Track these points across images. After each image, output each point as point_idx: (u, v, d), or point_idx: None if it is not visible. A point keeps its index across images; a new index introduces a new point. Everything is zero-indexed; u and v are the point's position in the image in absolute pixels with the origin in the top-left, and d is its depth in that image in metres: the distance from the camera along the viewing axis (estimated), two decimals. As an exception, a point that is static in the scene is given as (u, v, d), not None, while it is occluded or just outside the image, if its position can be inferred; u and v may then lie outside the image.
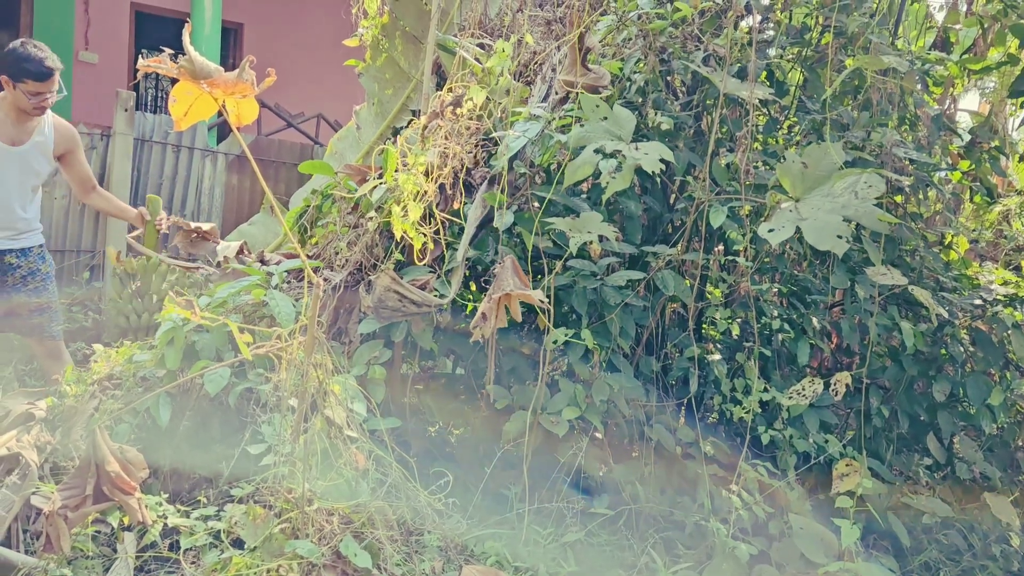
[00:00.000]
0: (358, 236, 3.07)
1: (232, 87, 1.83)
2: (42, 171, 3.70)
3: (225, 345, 3.00)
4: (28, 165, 3.62)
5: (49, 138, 3.67)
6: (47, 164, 3.71)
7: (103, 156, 5.46)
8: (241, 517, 1.93)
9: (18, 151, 3.59)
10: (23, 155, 3.60)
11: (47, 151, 3.68)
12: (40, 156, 3.66)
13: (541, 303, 2.55)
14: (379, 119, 4.92)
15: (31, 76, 3.42)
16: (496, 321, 2.52)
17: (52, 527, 1.98)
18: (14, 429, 3.22)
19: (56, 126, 3.71)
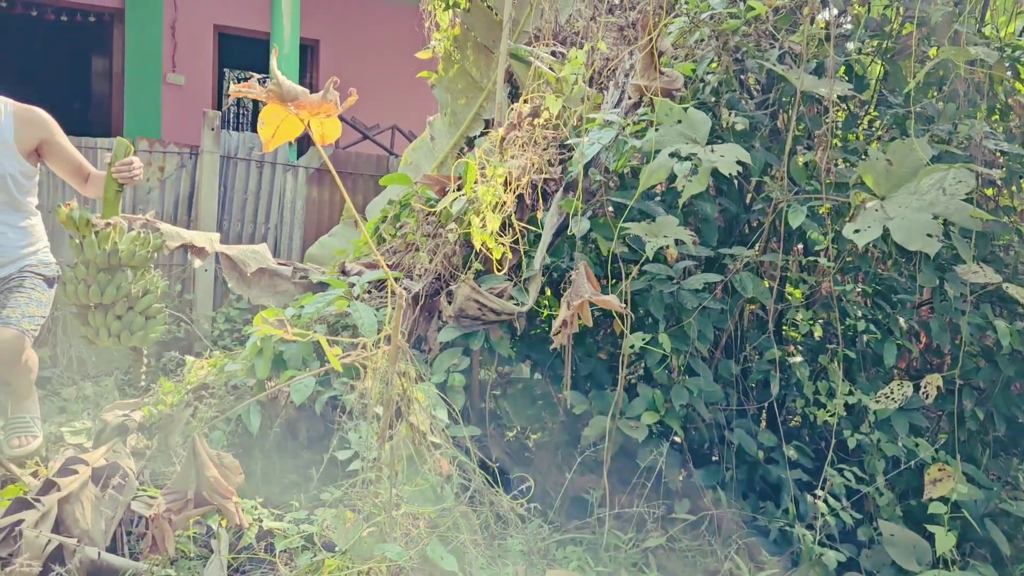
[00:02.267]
0: (437, 246, 3.13)
1: (317, 107, 1.91)
2: (9, 172, 3.02)
3: (311, 354, 3.11)
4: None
5: (6, 129, 3.00)
6: (13, 163, 3.02)
7: (192, 174, 5.71)
8: (332, 521, 2.00)
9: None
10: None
11: (8, 146, 3.00)
12: (2, 152, 2.99)
13: (619, 308, 2.56)
14: (452, 129, 5.00)
15: None
16: (572, 327, 2.55)
17: (157, 530, 2.10)
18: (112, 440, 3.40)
19: (16, 113, 3.06)
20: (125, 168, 2.98)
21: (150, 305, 3.21)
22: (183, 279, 5.81)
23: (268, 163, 6.03)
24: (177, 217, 5.74)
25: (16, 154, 3.02)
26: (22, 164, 3.05)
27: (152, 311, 3.21)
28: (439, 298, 3.16)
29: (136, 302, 3.16)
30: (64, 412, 4.70)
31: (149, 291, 3.20)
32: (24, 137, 3.04)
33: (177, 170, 5.67)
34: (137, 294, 3.13)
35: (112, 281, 3.04)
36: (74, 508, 2.86)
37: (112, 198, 3.02)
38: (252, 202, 6.02)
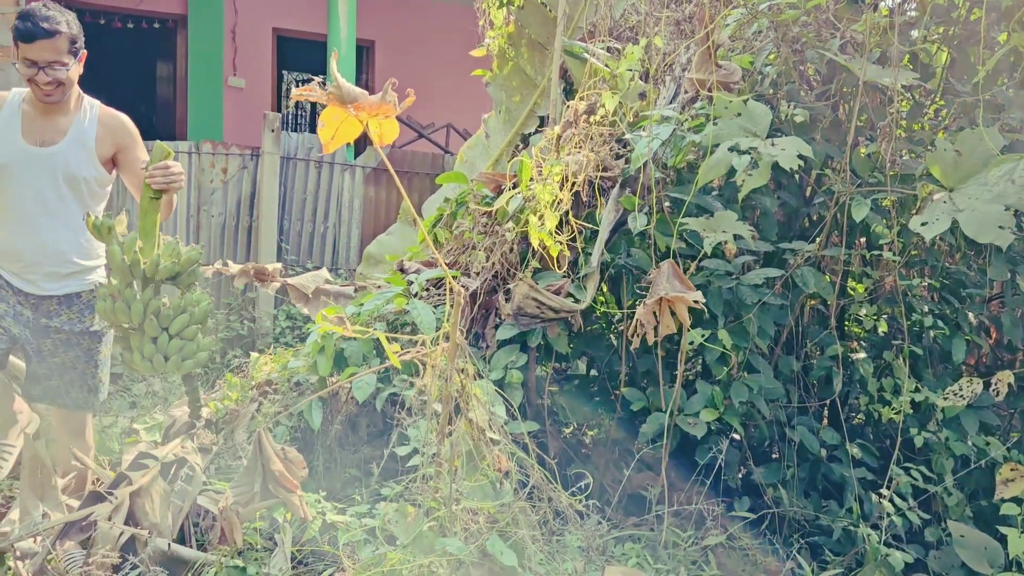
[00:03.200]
0: (494, 244, 3.15)
1: (376, 109, 1.94)
2: (84, 176, 2.83)
3: (371, 352, 3.16)
4: (64, 171, 2.79)
5: (90, 133, 2.84)
6: (90, 167, 2.83)
7: (253, 175, 5.84)
8: (394, 515, 2.03)
9: (48, 153, 2.77)
10: (55, 158, 2.77)
11: (88, 149, 2.83)
12: (80, 157, 2.81)
13: (696, 304, 2.54)
14: (507, 126, 5.02)
15: (19, 36, 2.65)
16: (663, 327, 2.54)
17: (226, 521, 2.16)
18: (179, 436, 3.51)
19: (101, 117, 2.89)
20: (160, 173, 2.59)
21: (185, 327, 2.66)
22: (245, 278, 5.95)
23: (326, 163, 6.13)
24: (239, 217, 5.88)
25: (95, 159, 2.83)
26: (98, 170, 2.85)
27: (188, 333, 2.67)
28: (496, 296, 3.18)
29: (170, 322, 2.65)
30: (135, 407, 4.87)
31: (187, 311, 2.67)
32: (103, 141, 2.86)
33: (239, 171, 5.81)
34: (169, 314, 2.63)
35: (141, 297, 2.63)
36: (144, 501, 2.96)
37: (147, 207, 2.65)
38: (311, 202, 6.14)
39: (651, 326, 2.61)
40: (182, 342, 2.63)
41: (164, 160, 2.60)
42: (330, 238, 6.26)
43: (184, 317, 2.63)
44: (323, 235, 6.23)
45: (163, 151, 2.63)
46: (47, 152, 2.78)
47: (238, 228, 5.89)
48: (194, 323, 2.66)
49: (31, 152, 2.77)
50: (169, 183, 2.61)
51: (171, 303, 2.62)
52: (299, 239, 6.14)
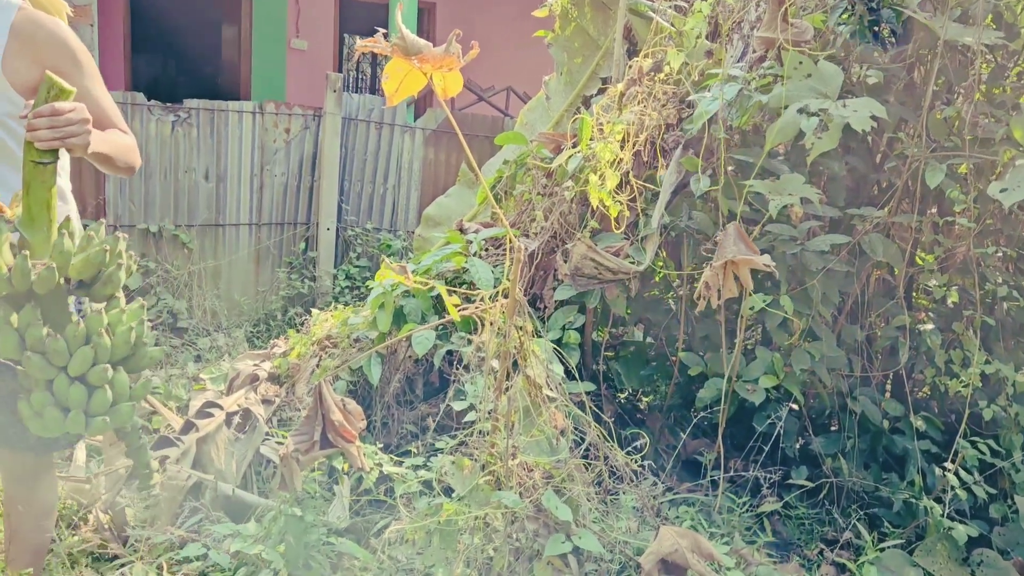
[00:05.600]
0: (553, 204, 3.14)
1: (440, 61, 1.93)
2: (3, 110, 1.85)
3: (429, 310, 3.19)
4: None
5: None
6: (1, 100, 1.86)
7: (315, 135, 5.90)
8: (450, 467, 2.06)
9: None
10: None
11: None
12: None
13: (766, 267, 2.49)
14: (568, 88, 4.95)
15: None
16: (725, 291, 2.51)
17: (286, 468, 2.22)
18: (244, 388, 3.61)
19: (16, 25, 1.86)
20: (44, 121, 1.57)
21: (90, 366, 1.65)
22: (307, 237, 6.05)
23: (387, 124, 6.16)
24: (301, 177, 5.96)
25: (4, 86, 1.86)
26: (14, 104, 1.87)
27: (94, 377, 1.64)
28: (555, 256, 3.17)
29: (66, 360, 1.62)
30: (199, 360, 5.02)
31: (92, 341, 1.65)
32: (19, 60, 1.86)
33: (301, 132, 5.88)
34: (61, 347, 1.61)
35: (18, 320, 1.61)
36: (210, 448, 3.06)
37: (31, 176, 1.60)
38: (371, 163, 6.18)
39: (716, 289, 2.57)
40: (87, 389, 1.64)
41: (52, 101, 1.59)
42: (389, 199, 6.31)
43: (86, 352, 1.61)
44: (382, 196, 6.28)
45: (52, 85, 1.58)
46: None
47: (300, 188, 5.98)
48: (106, 360, 1.65)
49: None
50: (62, 136, 1.59)
51: (69, 329, 1.62)
52: (359, 200, 6.20)
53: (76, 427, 1.64)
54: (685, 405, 3.50)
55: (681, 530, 2.11)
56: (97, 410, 1.66)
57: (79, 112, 1.61)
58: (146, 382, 1.76)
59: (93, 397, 1.65)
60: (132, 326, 1.71)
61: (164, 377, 4.37)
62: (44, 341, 1.60)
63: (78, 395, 1.63)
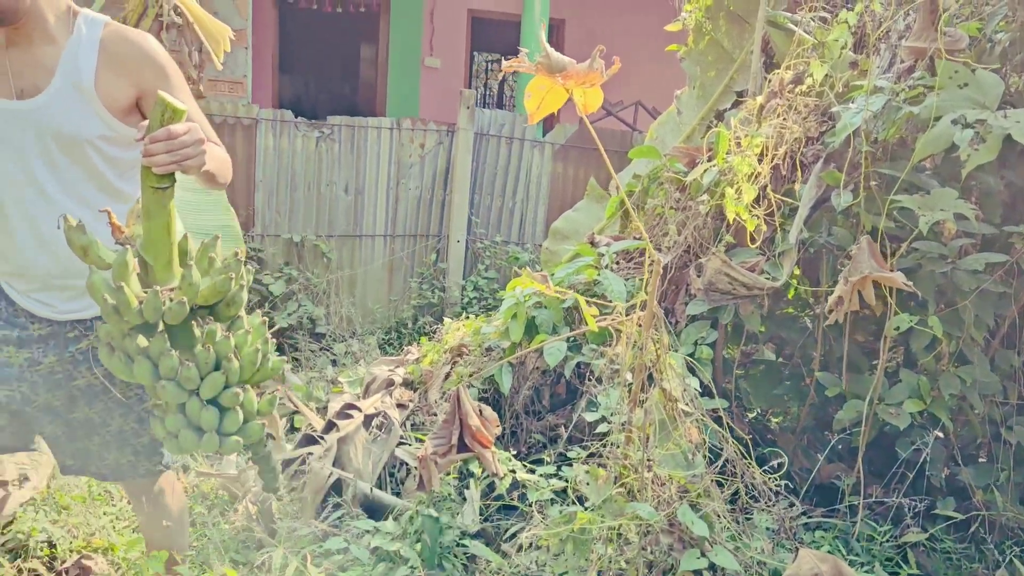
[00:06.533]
0: (686, 218, 3.12)
1: (584, 77, 1.98)
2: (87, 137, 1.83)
3: (560, 321, 3.23)
4: (56, 130, 1.82)
5: (86, 65, 1.82)
6: (93, 121, 1.83)
7: (448, 150, 6.09)
8: (584, 476, 2.08)
9: (28, 107, 1.81)
10: (39, 113, 1.81)
11: (86, 92, 1.82)
12: (75, 106, 1.82)
13: (905, 286, 2.40)
14: (701, 102, 4.91)
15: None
16: (849, 305, 2.44)
17: (424, 470, 2.30)
18: (380, 392, 3.76)
19: (105, 41, 1.84)
20: (161, 145, 1.53)
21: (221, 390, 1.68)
22: (438, 249, 6.24)
23: (517, 139, 6.28)
24: (434, 191, 6.16)
25: (98, 105, 1.83)
26: (109, 123, 1.85)
27: (227, 399, 1.69)
28: (688, 271, 3.15)
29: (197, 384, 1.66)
30: (335, 365, 5.26)
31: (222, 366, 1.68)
32: (112, 78, 1.83)
33: (435, 147, 6.08)
34: (192, 374, 1.64)
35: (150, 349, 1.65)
36: (349, 448, 3.21)
37: (151, 202, 1.59)
38: (501, 177, 6.32)
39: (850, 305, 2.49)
40: (218, 412, 1.68)
41: (167, 124, 1.55)
42: (517, 213, 6.42)
43: (217, 378, 1.65)
44: (511, 210, 6.39)
45: (166, 108, 1.56)
46: (27, 106, 1.79)
47: (432, 201, 6.17)
48: (235, 382, 1.70)
49: (5, 108, 1.79)
50: (179, 160, 1.55)
51: (200, 355, 1.64)
52: (488, 213, 6.34)
53: (210, 447, 1.68)
54: (819, 427, 3.38)
55: (821, 554, 2.05)
56: (229, 430, 1.70)
57: (193, 133, 1.58)
58: (272, 397, 1.78)
59: (225, 419, 1.69)
60: (258, 347, 1.73)
61: (304, 379, 4.61)
62: (177, 369, 1.63)
63: (210, 418, 1.66)
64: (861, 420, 2.86)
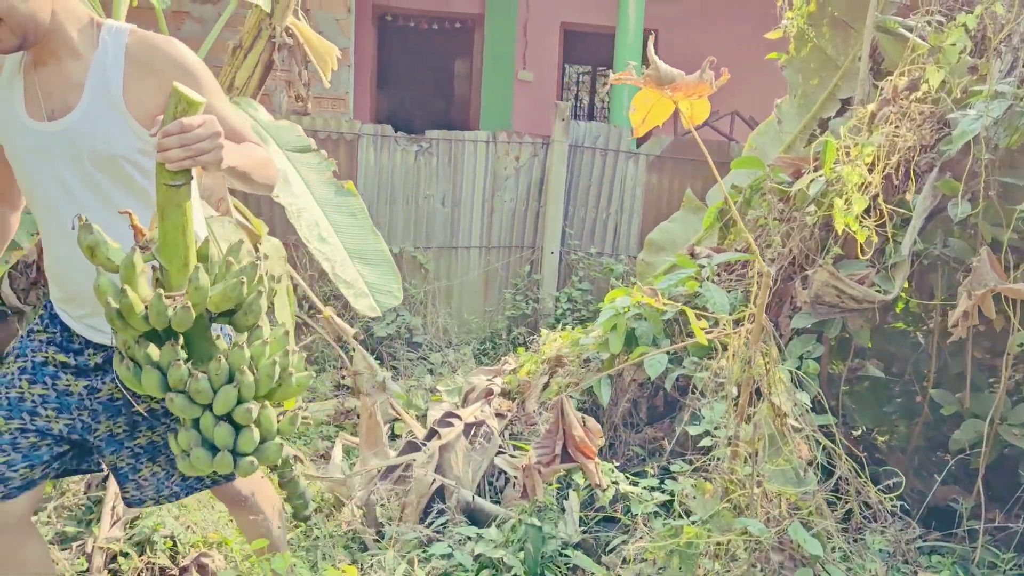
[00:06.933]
0: (791, 230, 3.06)
1: (693, 89, 1.97)
2: (120, 153, 1.76)
3: (660, 333, 3.21)
4: (90, 149, 1.75)
5: (114, 77, 1.75)
6: (125, 135, 1.76)
7: (543, 162, 6.14)
8: (690, 490, 2.07)
9: (60, 128, 1.75)
10: (71, 133, 1.74)
11: (115, 105, 1.75)
12: (106, 122, 1.75)
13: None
14: (803, 111, 4.80)
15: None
16: (971, 319, 2.34)
17: (528, 479, 2.33)
18: (479, 401, 3.81)
19: (130, 50, 1.76)
20: (174, 139, 1.46)
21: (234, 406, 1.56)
22: (532, 260, 6.28)
23: (611, 151, 6.28)
24: (528, 203, 6.21)
25: (128, 119, 1.76)
26: (140, 136, 1.76)
27: (240, 415, 1.57)
28: (792, 283, 3.09)
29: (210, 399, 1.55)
30: (432, 374, 5.36)
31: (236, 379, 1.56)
32: (139, 87, 1.76)
33: (530, 159, 6.13)
34: (203, 387, 1.53)
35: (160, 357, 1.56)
36: (450, 455, 3.27)
37: (164, 200, 1.49)
38: (595, 188, 6.32)
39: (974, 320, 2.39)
40: (233, 429, 1.57)
41: (182, 116, 1.47)
42: (611, 224, 6.41)
43: (229, 392, 1.53)
44: (605, 221, 6.39)
45: (180, 99, 1.47)
46: (59, 127, 1.74)
47: (527, 213, 6.23)
48: (251, 397, 1.57)
49: (38, 131, 1.75)
50: (193, 154, 1.47)
51: (212, 366, 1.53)
52: (582, 225, 6.35)
53: (224, 468, 1.57)
54: (932, 447, 3.24)
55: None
56: (245, 449, 1.58)
57: (209, 126, 1.49)
58: (293, 416, 1.67)
59: (240, 437, 1.57)
60: (276, 359, 1.60)
61: (404, 388, 4.72)
62: (186, 381, 1.52)
63: (224, 435, 1.56)
64: (980, 441, 2.73)
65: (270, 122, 3.51)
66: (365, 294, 3.18)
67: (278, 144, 3.42)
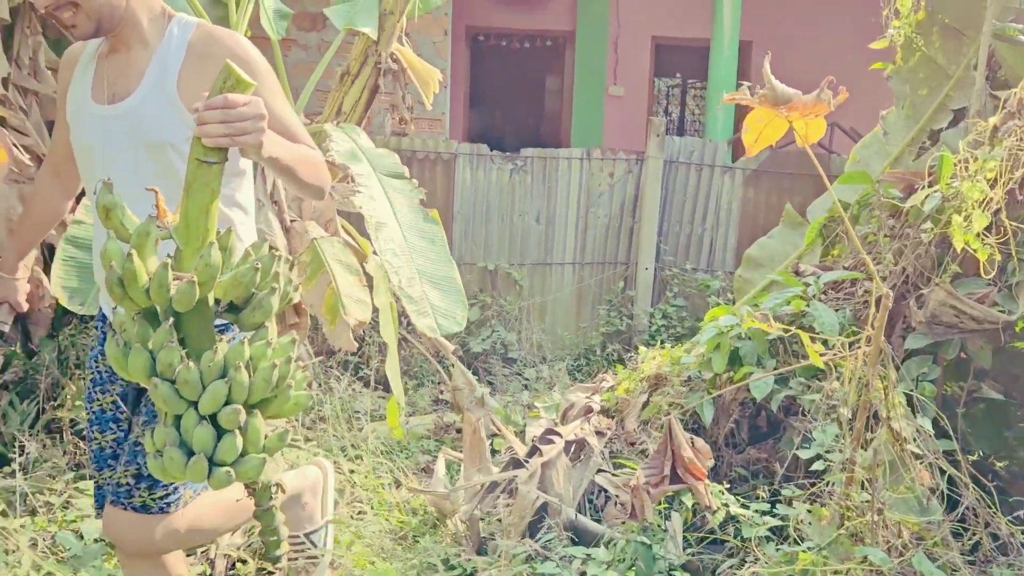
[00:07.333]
0: (904, 247, 2.96)
1: (810, 108, 1.95)
2: (171, 141, 1.78)
3: (765, 353, 3.16)
4: (145, 135, 1.79)
5: (172, 68, 1.79)
6: (178, 125, 1.78)
7: (637, 178, 6.12)
8: (805, 516, 2.03)
9: (118, 112, 1.81)
10: (128, 118, 1.79)
11: (169, 95, 1.78)
12: (160, 110, 1.78)
13: None
14: (911, 123, 4.64)
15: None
16: None
17: (637, 499, 2.32)
18: (578, 418, 3.82)
19: (192, 42, 1.81)
20: (216, 114, 1.37)
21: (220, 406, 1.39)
22: (626, 276, 6.26)
23: (707, 166, 6.21)
24: (622, 219, 6.20)
25: (181, 109, 1.77)
26: (190, 125, 1.61)
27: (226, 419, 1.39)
28: (906, 302, 2.99)
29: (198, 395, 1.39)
30: (527, 390, 5.39)
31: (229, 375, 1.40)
32: (196, 79, 1.76)
33: (624, 175, 6.13)
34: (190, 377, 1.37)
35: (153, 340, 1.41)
36: (551, 473, 3.28)
37: (193, 176, 1.40)
38: (690, 204, 6.26)
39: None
40: (215, 432, 1.40)
41: (226, 94, 1.40)
42: (707, 240, 6.33)
43: (219, 387, 1.38)
44: (700, 237, 6.31)
45: (229, 76, 1.40)
46: (116, 111, 1.79)
47: (620, 229, 6.21)
48: (242, 400, 1.41)
49: (98, 114, 1.81)
50: (233, 133, 1.39)
51: (204, 358, 1.40)
52: (677, 240, 6.29)
53: (196, 476, 1.37)
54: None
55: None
56: (223, 458, 1.38)
57: (254, 106, 1.41)
58: (283, 433, 1.47)
59: (221, 443, 1.38)
60: (276, 363, 1.43)
61: (501, 403, 4.77)
62: (175, 367, 1.36)
63: (204, 437, 1.37)
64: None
65: (370, 148, 3.61)
66: (428, 314, 3.22)
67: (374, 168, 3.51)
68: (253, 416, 1.41)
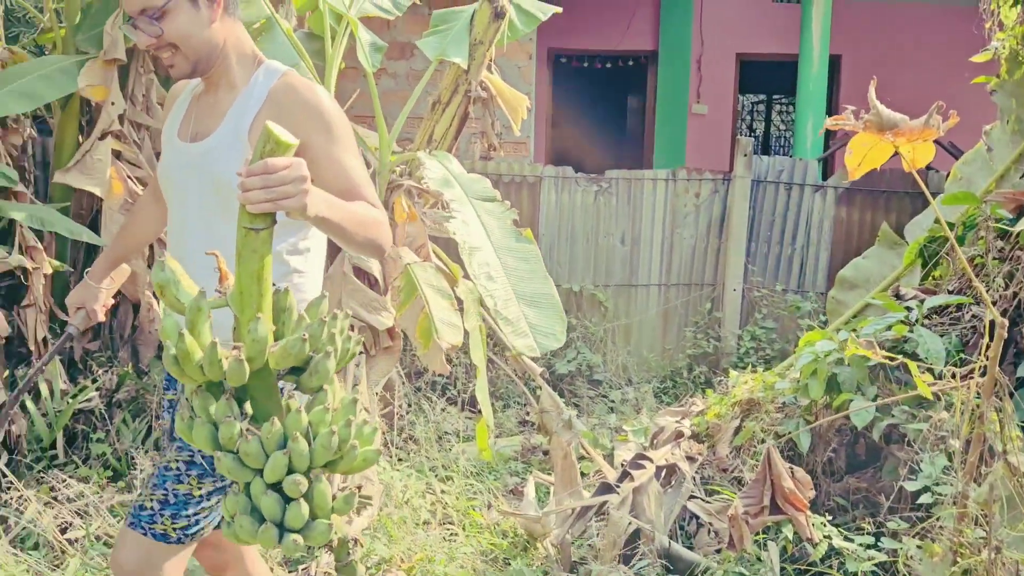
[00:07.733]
0: (1014, 270, 2.85)
1: (918, 133, 1.91)
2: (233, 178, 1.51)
3: (865, 379, 3.07)
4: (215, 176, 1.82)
5: (248, 114, 1.82)
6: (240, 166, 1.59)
7: (723, 198, 6.04)
8: (916, 552, 1.96)
9: (195, 150, 1.88)
10: (203, 158, 1.85)
11: (241, 140, 1.81)
12: (231, 153, 1.81)
13: None
14: (1017, 138, 4.46)
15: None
16: None
17: (735, 529, 2.29)
18: (669, 443, 3.78)
19: (274, 92, 1.82)
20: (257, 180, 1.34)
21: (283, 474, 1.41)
22: (712, 298, 6.17)
23: (796, 185, 6.09)
24: (708, 240, 6.13)
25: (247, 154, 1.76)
26: None
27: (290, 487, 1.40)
28: (1017, 328, 2.87)
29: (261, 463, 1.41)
30: (613, 412, 5.37)
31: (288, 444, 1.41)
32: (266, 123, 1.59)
33: (711, 195, 6.06)
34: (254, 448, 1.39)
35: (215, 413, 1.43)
36: (643, 498, 3.26)
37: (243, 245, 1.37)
38: (779, 224, 6.14)
39: None
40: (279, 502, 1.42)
41: (267, 158, 1.36)
42: (797, 260, 6.19)
43: (279, 459, 1.39)
44: (789, 257, 6.18)
45: (269, 138, 1.36)
46: (195, 149, 1.86)
47: (707, 250, 6.14)
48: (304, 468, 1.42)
49: (180, 149, 1.89)
50: (275, 197, 1.35)
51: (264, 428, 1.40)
52: (765, 261, 6.17)
53: (267, 542, 1.40)
54: None
55: None
56: (292, 525, 1.41)
57: (295, 169, 1.36)
58: (350, 495, 1.48)
59: (288, 510, 1.41)
60: (334, 429, 1.42)
61: (588, 426, 4.75)
62: (236, 440, 1.38)
63: (271, 506, 1.40)
64: None
65: (461, 173, 3.68)
66: (526, 334, 3.23)
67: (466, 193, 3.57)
68: (319, 482, 1.43)
